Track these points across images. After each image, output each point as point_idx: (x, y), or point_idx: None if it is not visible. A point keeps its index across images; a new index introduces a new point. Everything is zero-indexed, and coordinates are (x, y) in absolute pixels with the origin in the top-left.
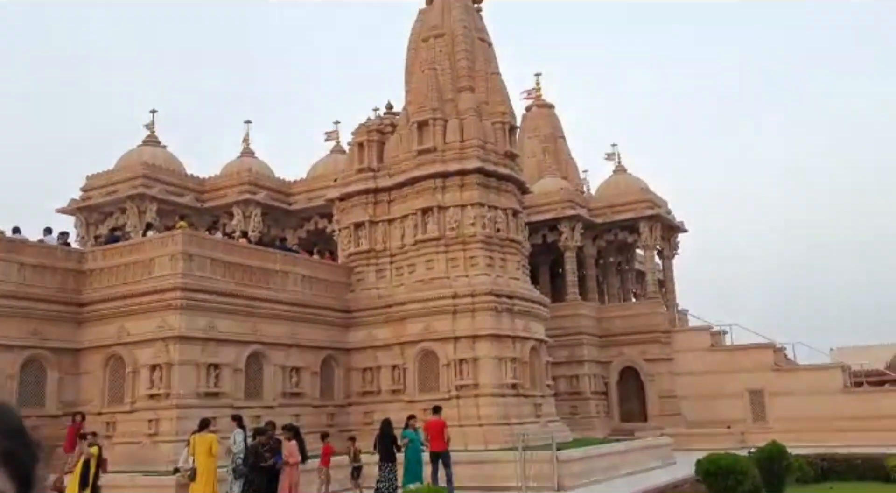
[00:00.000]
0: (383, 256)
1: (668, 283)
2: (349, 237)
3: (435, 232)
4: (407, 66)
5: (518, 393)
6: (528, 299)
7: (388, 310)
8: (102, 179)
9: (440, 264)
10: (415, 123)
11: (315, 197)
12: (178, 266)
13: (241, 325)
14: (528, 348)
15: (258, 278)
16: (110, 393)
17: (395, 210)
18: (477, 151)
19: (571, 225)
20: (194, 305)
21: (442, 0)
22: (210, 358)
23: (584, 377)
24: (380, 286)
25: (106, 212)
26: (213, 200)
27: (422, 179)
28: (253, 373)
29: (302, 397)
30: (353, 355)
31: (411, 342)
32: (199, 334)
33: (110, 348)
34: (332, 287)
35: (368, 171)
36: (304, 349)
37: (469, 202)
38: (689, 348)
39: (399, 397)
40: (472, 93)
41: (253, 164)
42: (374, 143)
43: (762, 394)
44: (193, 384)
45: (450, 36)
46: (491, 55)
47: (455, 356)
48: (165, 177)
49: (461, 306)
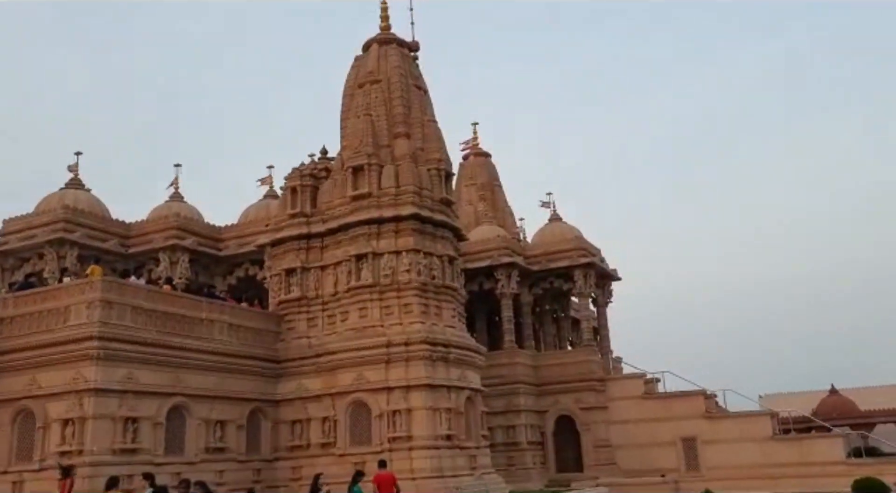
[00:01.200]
0: (315, 303)
1: (602, 330)
2: (280, 284)
3: (369, 279)
4: (342, 111)
5: (453, 445)
6: (463, 348)
7: (318, 359)
8: (20, 222)
9: (374, 312)
10: (350, 168)
11: (246, 243)
12: (96, 314)
13: (162, 376)
14: (463, 397)
15: (182, 326)
16: (18, 450)
17: (329, 256)
18: (412, 197)
19: (508, 272)
20: (112, 355)
21: (378, 47)
22: (128, 412)
23: (521, 427)
24: (311, 335)
25: (23, 257)
26: (139, 246)
27: (356, 224)
28: (174, 427)
29: (226, 453)
30: (281, 407)
31: (343, 393)
32: (117, 386)
33: (19, 401)
34: (261, 336)
35: (301, 216)
36: (229, 402)
37: (404, 249)
38: (623, 397)
39: (329, 451)
40: (408, 139)
41: (182, 208)
42: (308, 188)
43: (695, 442)
44: (109, 440)
45: (386, 82)
46: (427, 102)
47: (388, 408)
48: (88, 221)
49: (395, 355)
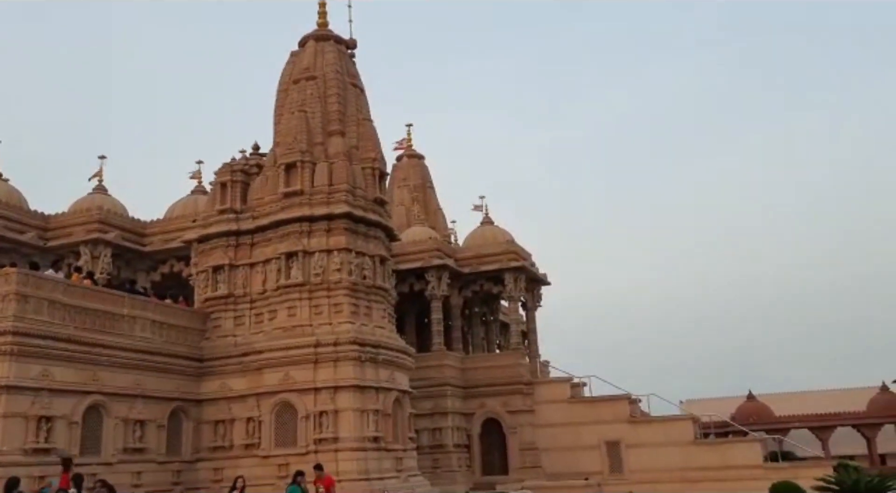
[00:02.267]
0: (243, 301)
1: (531, 334)
2: (207, 281)
3: (299, 277)
4: (276, 107)
5: (379, 447)
6: (393, 349)
7: (244, 359)
8: None
9: (303, 311)
10: (282, 165)
11: (172, 238)
12: (10, 308)
13: (79, 374)
14: (391, 399)
15: (103, 322)
16: None
17: (258, 254)
18: (346, 195)
19: (438, 274)
20: (27, 351)
21: (315, 43)
22: (42, 410)
23: (448, 430)
24: (237, 334)
25: None
26: (59, 239)
27: (287, 222)
28: (91, 427)
29: (145, 453)
30: (204, 406)
31: (268, 393)
32: (31, 383)
33: None
34: (186, 334)
35: (231, 212)
36: (150, 401)
37: (336, 248)
38: (549, 400)
39: (253, 453)
40: (343, 137)
41: (105, 201)
42: (239, 184)
43: (619, 446)
44: (21, 439)
45: (322, 79)
46: (363, 101)
47: (315, 409)
48: (4, 212)
49: (323, 356)
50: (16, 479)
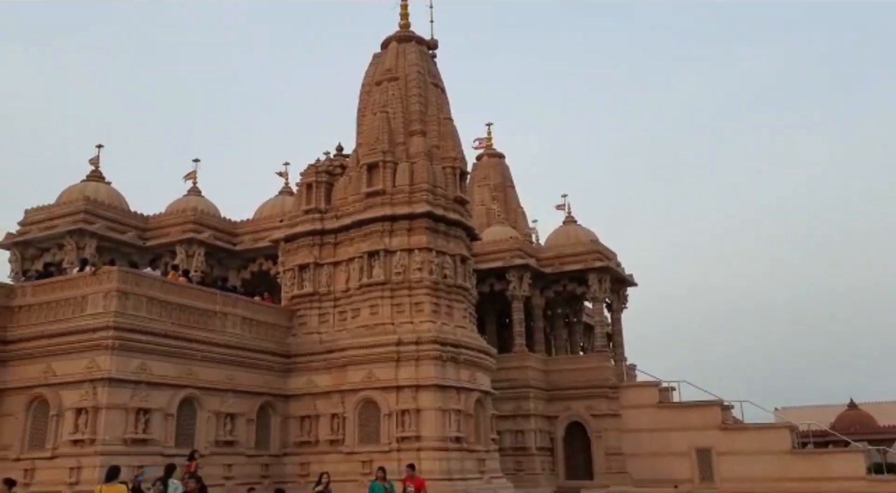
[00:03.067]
0: (327, 299)
1: (616, 336)
2: (293, 279)
3: (381, 276)
4: (359, 109)
5: (462, 447)
6: (474, 349)
7: (329, 356)
8: (42, 213)
9: (385, 310)
10: (364, 165)
11: (260, 238)
12: (112, 304)
13: (175, 368)
14: (473, 400)
15: (196, 318)
16: (31, 438)
17: (341, 253)
18: (426, 195)
19: (519, 274)
20: (127, 345)
21: (397, 45)
22: (140, 402)
23: (530, 432)
24: (322, 331)
25: (43, 247)
26: (157, 239)
27: (369, 221)
28: (185, 419)
29: (236, 446)
30: (291, 402)
31: (352, 391)
32: (131, 376)
33: (35, 389)
34: (273, 331)
35: (315, 212)
36: (240, 395)
37: (416, 247)
38: (636, 405)
39: (338, 449)
40: (424, 137)
41: (199, 202)
42: (323, 184)
43: (710, 453)
44: (121, 430)
45: (403, 80)
46: (444, 101)
47: (397, 407)
48: (108, 213)
49: (405, 354)
50: (116, 468)
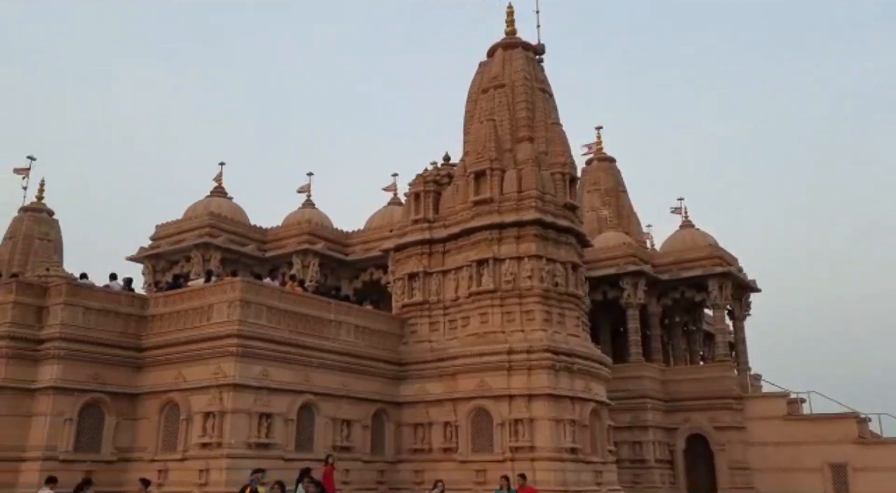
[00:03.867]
0: (437, 308)
1: (739, 345)
2: (403, 288)
3: (490, 285)
4: (466, 117)
5: (577, 458)
6: (588, 358)
7: (440, 364)
8: (171, 228)
9: (495, 318)
10: (472, 173)
11: (371, 248)
12: (235, 313)
13: (293, 374)
14: (588, 410)
15: (312, 327)
16: (164, 440)
17: (450, 261)
18: (535, 202)
19: (634, 281)
20: (249, 352)
21: (503, 51)
22: (262, 407)
23: (648, 444)
24: (432, 339)
25: (172, 260)
26: (275, 250)
27: (477, 230)
28: (304, 424)
29: (352, 452)
30: (404, 409)
31: (464, 399)
32: (253, 382)
33: (167, 394)
34: (385, 338)
35: (424, 222)
36: (354, 402)
37: (526, 254)
38: (762, 417)
39: (451, 457)
40: (532, 143)
41: (313, 215)
42: (431, 194)
43: (845, 469)
44: (245, 434)
45: (510, 86)
46: (551, 106)
47: (510, 416)
48: (230, 227)
49: (516, 363)
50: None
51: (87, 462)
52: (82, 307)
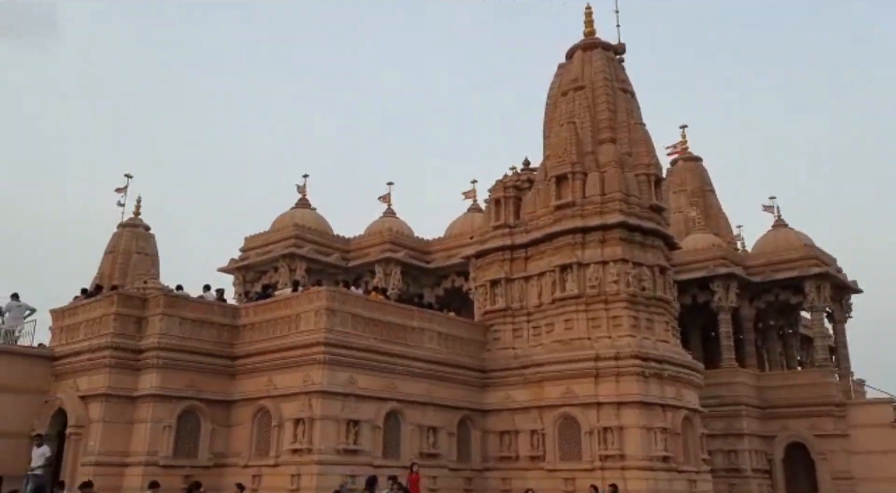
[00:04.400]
0: (520, 314)
1: (839, 349)
2: (485, 295)
3: (574, 290)
4: (545, 121)
5: (670, 467)
6: (678, 364)
7: (525, 371)
8: (258, 240)
9: (580, 324)
10: (553, 177)
11: (452, 255)
12: (322, 322)
13: (379, 381)
14: (679, 417)
15: (396, 334)
16: (257, 446)
17: (532, 267)
18: (619, 204)
19: (725, 284)
20: (336, 360)
21: (582, 53)
22: (350, 414)
23: (744, 453)
24: (516, 346)
25: (261, 270)
26: (357, 259)
27: (560, 234)
28: (391, 431)
29: (439, 459)
30: (489, 417)
31: (550, 407)
32: (340, 389)
33: (259, 400)
34: (468, 345)
35: (505, 227)
36: (440, 409)
37: (611, 259)
38: (868, 424)
39: (538, 465)
40: (614, 145)
41: (393, 223)
42: (511, 199)
43: None
44: (334, 440)
45: (590, 88)
46: (634, 106)
47: (598, 424)
48: (314, 237)
49: (604, 370)
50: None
51: (185, 468)
52: (179, 318)
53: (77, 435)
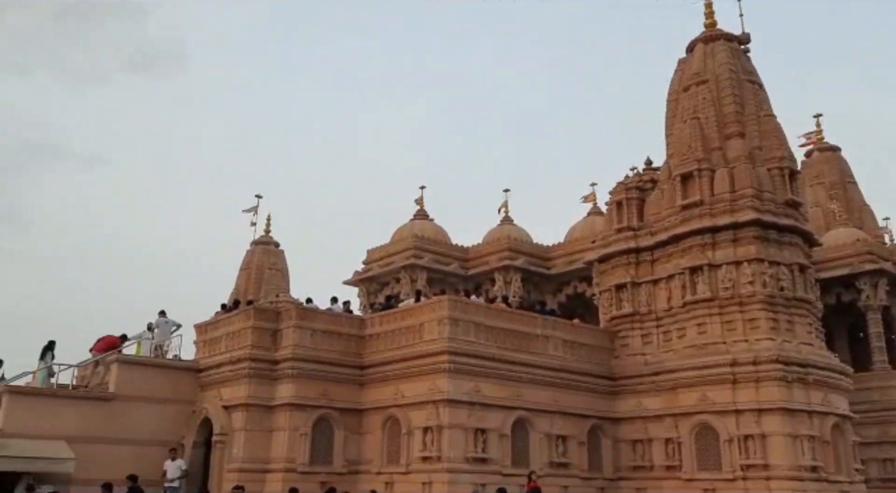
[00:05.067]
0: (648, 319)
1: None
2: (610, 300)
3: (706, 293)
4: (667, 118)
5: (819, 477)
6: (824, 368)
7: (656, 378)
8: (380, 252)
9: (714, 328)
10: (678, 176)
11: (573, 260)
12: (445, 331)
13: (504, 390)
14: (828, 424)
15: (519, 342)
16: (388, 453)
17: (659, 270)
18: (751, 201)
19: (873, 281)
20: (460, 368)
21: (703, 46)
22: (477, 423)
23: None
24: (646, 352)
25: (383, 282)
26: (476, 268)
27: (687, 235)
28: (518, 440)
29: (569, 468)
30: (620, 425)
31: (685, 414)
32: (465, 397)
33: (388, 409)
34: (595, 352)
35: (628, 230)
36: (568, 417)
37: (745, 258)
38: None
39: (675, 475)
40: (743, 139)
41: (511, 231)
42: (634, 201)
43: None
44: (462, 449)
45: (714, 81)
46: (762, 97)
47: (738, 432)
48: (433, 247)
49: (742, 375)
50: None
51: (321, 474)
52: (310, 329)
53: (222, 443)
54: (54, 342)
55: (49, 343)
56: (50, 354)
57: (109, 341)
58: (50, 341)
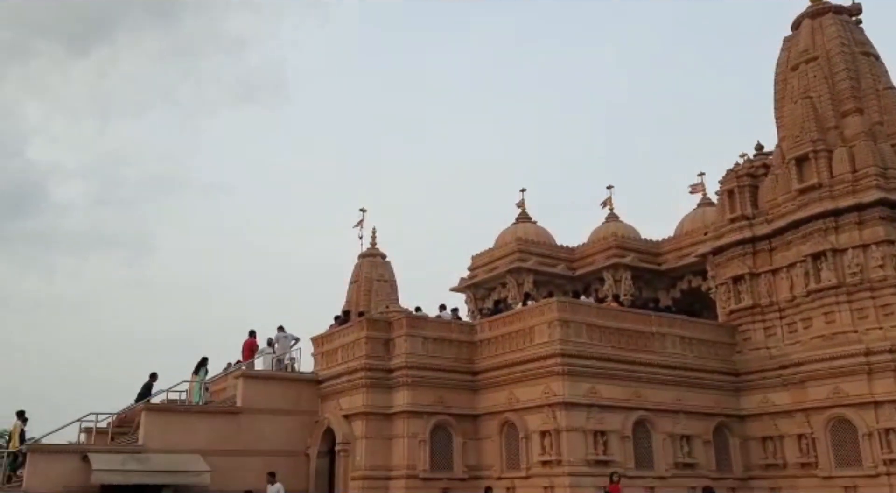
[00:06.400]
0: (770, 311)
1: None
2: (728, 293)
3: (831, 280)
4: (776, 100)
5: None
6: None
7: (783, 372)
8: (484, 257)
9: (843, 317)
10: (792, 159)
11: (685, 254)
12: (556, 333)
13: (622, 390)
14: None
15: (634, 341)
16: (507, 458)
17: (778, 259)
18: (875, 179)
19: None
20: (574, 370)
21: (810, 21)
22: (596, 425)
23: None
24: (770, 345)
25: (489, 287)
26: (584, 267)
27: (807, 221)
28: (640, 441)
29: (696, 469)
30: (747, 422)
31: (818, 409)
32: (582, 400)
33: (503, 414)
34: (715, 348)
35: (742, 219)
36: (691, 416)
37: (872, 241)
38: None
39: (810, 472)
40: (861, 115)
41: (618, 228)
42: (746, 188)
43: None
44: (582, 451)
45: (824, 57)
46: (880, 70)
47: (878, 425)
48: (538, 249)
49: (878, 366)
50: None
51: (443, 480)
52: (421, 337)
53: (345, 451)
54: (207, 359)
55: (202, 359)
56: (203, 369)
57: (247, 345)
58: (203, 357)
